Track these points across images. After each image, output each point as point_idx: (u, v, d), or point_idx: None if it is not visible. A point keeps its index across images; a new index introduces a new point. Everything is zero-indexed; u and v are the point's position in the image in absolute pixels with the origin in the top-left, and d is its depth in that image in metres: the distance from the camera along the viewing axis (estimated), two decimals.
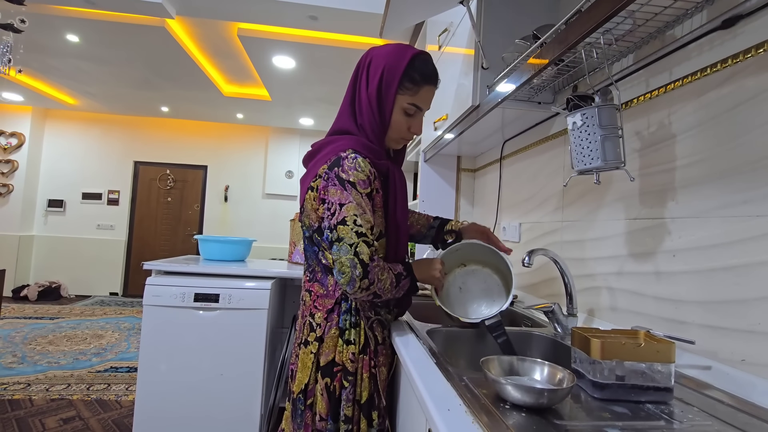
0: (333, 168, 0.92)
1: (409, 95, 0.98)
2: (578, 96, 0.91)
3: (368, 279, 0.86)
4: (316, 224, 0.97)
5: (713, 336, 0.76)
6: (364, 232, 0.87)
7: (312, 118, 5.37)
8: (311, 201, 0.96)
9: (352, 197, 0.89)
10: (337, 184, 0.90)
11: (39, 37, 3.32)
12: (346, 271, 0.85)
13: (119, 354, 3.35)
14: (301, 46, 3.26)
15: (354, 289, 0.86)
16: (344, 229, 0.87)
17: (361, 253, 0.86)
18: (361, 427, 0.93)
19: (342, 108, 1.03)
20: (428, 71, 0.99)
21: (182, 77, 4.11)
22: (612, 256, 1.06)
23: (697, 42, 0.83)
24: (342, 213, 0.88)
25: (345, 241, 0.86)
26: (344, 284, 0.87)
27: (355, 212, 0.88)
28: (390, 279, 0.91)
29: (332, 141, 1.00)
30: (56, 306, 4.98)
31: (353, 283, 0.86)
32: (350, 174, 0.90)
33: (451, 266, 1.17)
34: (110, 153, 5.85)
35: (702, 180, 0.81)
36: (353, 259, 0.85)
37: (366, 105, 0.98)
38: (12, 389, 2.55)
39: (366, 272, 0.86)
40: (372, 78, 0.97)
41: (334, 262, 0.88)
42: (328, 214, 0.90)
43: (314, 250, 1.01)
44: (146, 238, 5.90)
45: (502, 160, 1.81)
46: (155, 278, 1.85)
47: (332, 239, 0.88)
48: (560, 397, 0.62)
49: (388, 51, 0.98)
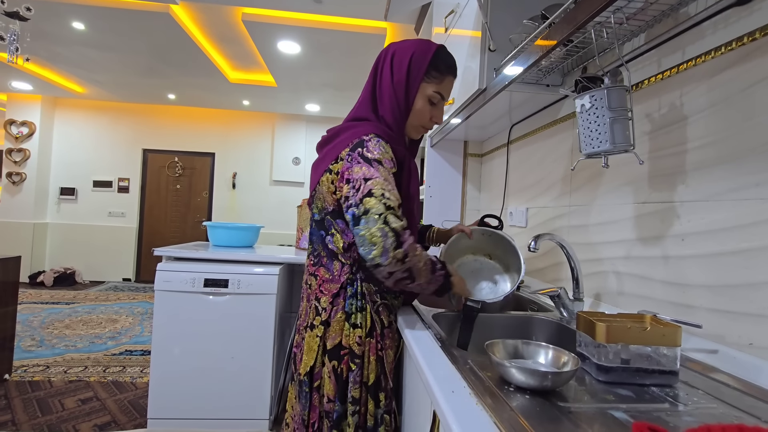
0: (356, 149, 0.91)
1: (435, 83, 1.01)
2: (587, 78, 0.89)
3: (402, 250, 0.80)
4: (330, 207, 0.97)
5: (721, 320, 0.75)
6: (393, 206, 0.83)
7: (318, 104, 5.34)
8: (327, 183, 0.96)
9: (379, 173, 0.87)
10: (362, 161, 0.89)
11: (45, 25, 3.32)
12: (377, 241, 0.79)
13: (133, 338, 3.44)
14: (305, 31, 3.22)
15: (388, 259, 0.79)
16: (371, 201, 0.82)
17: (392, 222, 0.80)
18: (368, 408, 0.95)
19: (362, 98, 1.04)
20: (451, 62, 1.03)
21: (188, 64, 4.09)
22: (619, 241, 1.05)
23: (712, 20, 0.80)
24: (368, 186, 0.84)
25: (372, 212, 0.81)
26: (377, 256, 0.79)
27: (383, 186, 0.85)
28: (426, 260, 0.87)
29: (351, 126, 1.00)
30: (71, 291, 5.10)
31: (386, 253, 0.79)
32: (375, 153, 0.90)
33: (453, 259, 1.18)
34: (119, 141, 5.90)
35: (713, 163, 0.79)
36: (383, 228, 0.79)
37: (389, 93, 0.99)
38: (32, 371, 2.64)
39: (399, 242, 0.80)
40: (398, 67, 0.99)
41: (362, 238, 0.81)
42: (353, 191, 0.86)
43: (321, 234, 1.02)
44: (156, 225, 5.97)
45: (510, 144, 1.79)
46: (166, 264, 1.88)
47: (359, 214, 0.83)
48: (564, 379, 0.62)
49: (413, 43, 1.01)
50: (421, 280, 0.87)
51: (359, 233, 0.82)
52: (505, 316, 1.11)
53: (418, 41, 1.02)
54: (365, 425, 0.95)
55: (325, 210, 0.99)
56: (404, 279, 0.85)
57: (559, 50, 1.04)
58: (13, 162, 5.48)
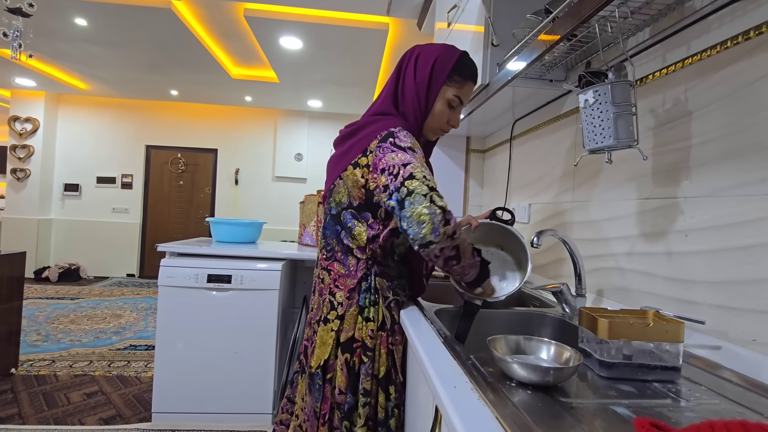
0: (387, 140, 0.92)
1: (455, 87, 1.01)
2: (591, 72, 0.88)
3: (451, 226, 0.81)
4: (356, 201, 0.98)
5: (724, 316, 0.75)
6: (434, 187, 0.84)
7: (320, 100, 5.32)
8: (354, 177, 0.96)
9: (415, 159, 0.88)
10: (396, 149, 0.90)
11: (48, 21, 3.32)
12: (426, 219, 0.79)
13: (137, 333, 3.46)
14: (308, 26, 3.21)
15: (439, 236, 0.79)
16: (413, 183, 0.83)
17: (438, 201, 0.81)
18: (379, 401, 0.96)
19: (384, 95, 1.05)
20: (473, 69, 1.04)
21: (190, 60, 4.08)
22: (623, 237, 1.04)
23: (718, 13, 0.79)
24: (408, 170, 0.85)
25: (417, 192, 0.81)
26: (428, 233, 0.79)
27: (422, 168, 0.87)
28: (467, 242, 0.88)
29: (376, 120, 1.00)
30: (76, 287, 5.14)
31: (437, 230, 0.79)
32: (407, 142, 0.91)
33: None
34: (122, 137, 5.91)
35: (718, 158, 0.78)
36: (431, 206, 0.80)
37: (411, 92, 1.00)
38: (38, 365, 2.66)
39: (447, 220, 0.80)
40: (422, 67, 1.00)
41: (409, 219, 0.81)
42: (392, 177, 0.86)
43: (336, 229, 1.03)
44: (160, 221, 5.99)
45: (513, 140, 1.78)
46: (169, 260, 1.89)
47: (402, 197, 0.83)
48: (566, 375, 0.62)
49: (439, 46, 1.03)
50: (465, 261, 0.87)
51: (406, 216, 0.82)
52: (507, 312, 1.11)
53: (444, 45, 1.04)
54: (376, 417, 0.96)
55: (343, 204, 1.00)
56: (452, 258, 0.85)
57: (563, 45, 1.03)
58: (18, 158, 5.51)
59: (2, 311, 2.38)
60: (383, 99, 1.04)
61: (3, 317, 2.39)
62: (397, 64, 1.06)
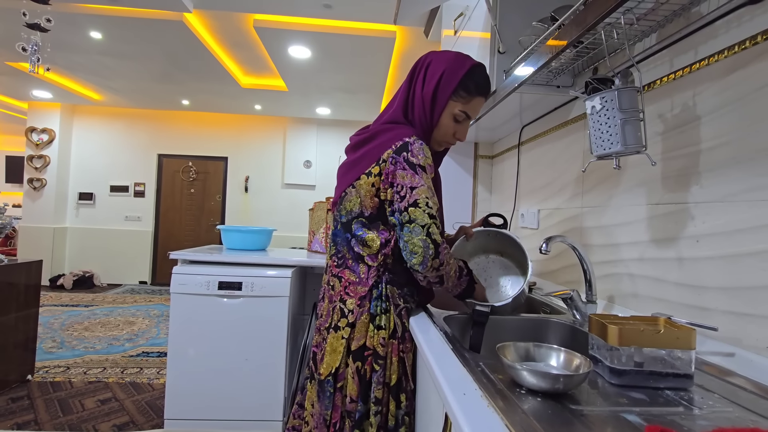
0: (401, 153, 0.94)
1: (461, 102, 1.01)
2: (597, 79, 0.88)
3: (439, 259, 0.91)
4: (368, 210, 0.99)
5: (737, 323, 0.74)
6: (434, 214, 0.92)
7: (329, 108, 5.37)
8: (367, 186, 0.97)
9: (423, 181, 0.92)
10: (407, 168, 0.92)
11: (64, 35, 3.42)
12: (419, 251, 0.90)
13: (150, 339, 3.50)
14: (316, 36, 3.25)
15: (426, 268, 0.91)
16: (416, 211, 0.90)
17: (433, 234, 0.90)
18: (390, 409, 0.96)
19: (396, 103, 1.05)
20: (483, 83, 1.03)
21: (201, 70, 4.16)
22: (633, 242, 1.04)
23: (725, 18, 0.79)
24: (414, 195, 0.91)
25: (417, 222, 0.90)
26: (417, 264, 0.91)
27: (427, 195, 0.92)
28: (455, 267, 0.98)
29: (390, 128, 1.01)
30: (90, 294, 5.22)
31: (426, 263, 0.90)
32: (420, 158, 0.93)
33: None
34: (135, 146, 6.02)
35: (728, 163, 0.78)
36: (426, 240, 0.89)
37: (419, 103, 1.01)
38: (53, 372, 2.71)
39: (438, 252, 0.91)
40: (429, 79, 1.00)
41: (405, 243, 0.91)
42: (398, 197, 0.93)
43: (346, 237, 1.03)
44: (171, 229, 6.08)
45: (521, 145, 1.78)
46: (181, 267, 1.92)
47: (403, 221, 0.91)
48: (576, 382, 0.62)
49: (449, 57, 1.02)
50: (449, 284, 0.98)
51: (403, 239, 0.92)
52: (516, 319, 1.11)
53: (455, 56, 1.02)
54: (386, 425, 0.96)
55: (354, 213, 1.01)
56: (435, 283, 0.96)
57: (569, 51, 1.04)
58: (34, 168, 5.64)
59: (20, 318, 2.43)
60: (396, 107, 1.04)
61: (20, 324, 2.44)
62: (410, 71, 1.05)
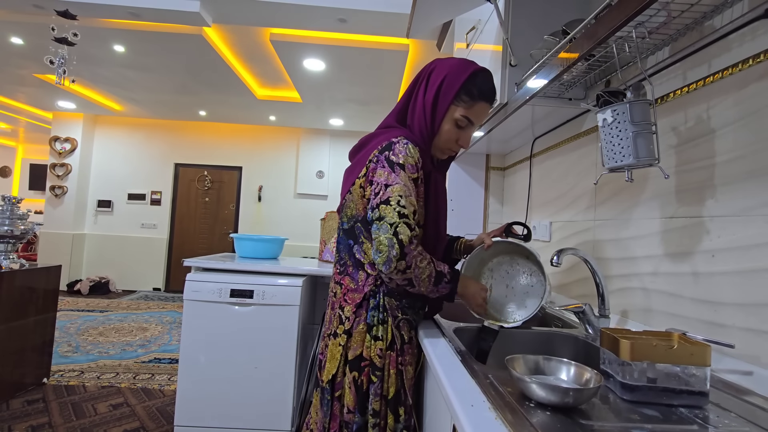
0: (384, 152, 0.94)
1: (463, 108, 0.99)
2: (609, 92, 0.88)
3: (405, 261, 0.85)
4: (362, 214, 0.98)
5: (755, 340, 0.72)
6: (407, 214, 0.87)
7: (342, 119, 5.44)
8: (359, 190, 0.98)
9: (400, 179, 0.90)
10: (386, 166, 0.92)
11: (89, 49, 3.55)
12: (384, 250, 0.85)
13: (162, 346, 3.54)
14: (330, 49, 3.32)
15: (390, 269, 0.85)
16: (386, 209, 0.87)
17: (401, 233, 0.85)
18: (388, 422, 0.95)
19: (396, 108, 1.06)
20: (486, 88, 1.00)
21: (218, 82, 4.27)
22: (647, 256, 1.02)
23: (739, 32, 0.79)
24: (387, 193, 0.89)
25: (386, 220, 0.86)
26: (380, 263, 0.86)
27: (401, 193, 0.88)
28: (430, 272, 0.90)
29: (383, 132, 1.02)
30: (105, 300, 5.31)
31: (389, 263, 0.84)
32: (400, 157, 0.92)
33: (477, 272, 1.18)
34: (153, 156, 6.18)
35: (744, 177, 0.77)
36: (391, 239, 0.85)
37: (420, 109, 1.00)
38: (67, 376, 2.76)
39: (403, 253, 0.85)
40: (431, 85, 0.99)
41: (374, 241, 0.87)
42: (373, 194, 0.91)
43: (349, 243, 1.03)
44: (186, 237, 6.18)
45: (533, 157, 1.78)
46: (194, 274, 1.95)
47: (374, 218, 0.89)
48: (586, 397, 0.61)
49: (452, 63, 1.01)
50: (422, 289, 0.92)
51: (372, 237, 0.90)
52: (527, 332, 1.09)
53: (459, 61, 1.01)
54: None
55: (355, 218, 1.01)
56: (404, 285, 0.91)
57: (581, 64, 1.04)
58: (56, 176, 5.82)
59: (38, 322, 2.49)
60: (395, 112, 1.05)
61: (38, 328, 2.50)
62: (415, 77, 1.05)
